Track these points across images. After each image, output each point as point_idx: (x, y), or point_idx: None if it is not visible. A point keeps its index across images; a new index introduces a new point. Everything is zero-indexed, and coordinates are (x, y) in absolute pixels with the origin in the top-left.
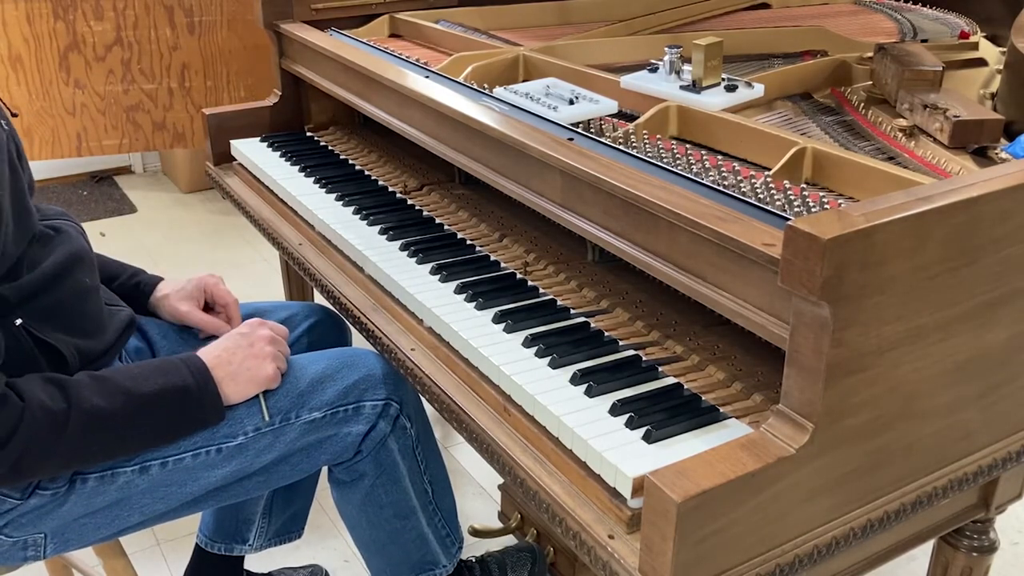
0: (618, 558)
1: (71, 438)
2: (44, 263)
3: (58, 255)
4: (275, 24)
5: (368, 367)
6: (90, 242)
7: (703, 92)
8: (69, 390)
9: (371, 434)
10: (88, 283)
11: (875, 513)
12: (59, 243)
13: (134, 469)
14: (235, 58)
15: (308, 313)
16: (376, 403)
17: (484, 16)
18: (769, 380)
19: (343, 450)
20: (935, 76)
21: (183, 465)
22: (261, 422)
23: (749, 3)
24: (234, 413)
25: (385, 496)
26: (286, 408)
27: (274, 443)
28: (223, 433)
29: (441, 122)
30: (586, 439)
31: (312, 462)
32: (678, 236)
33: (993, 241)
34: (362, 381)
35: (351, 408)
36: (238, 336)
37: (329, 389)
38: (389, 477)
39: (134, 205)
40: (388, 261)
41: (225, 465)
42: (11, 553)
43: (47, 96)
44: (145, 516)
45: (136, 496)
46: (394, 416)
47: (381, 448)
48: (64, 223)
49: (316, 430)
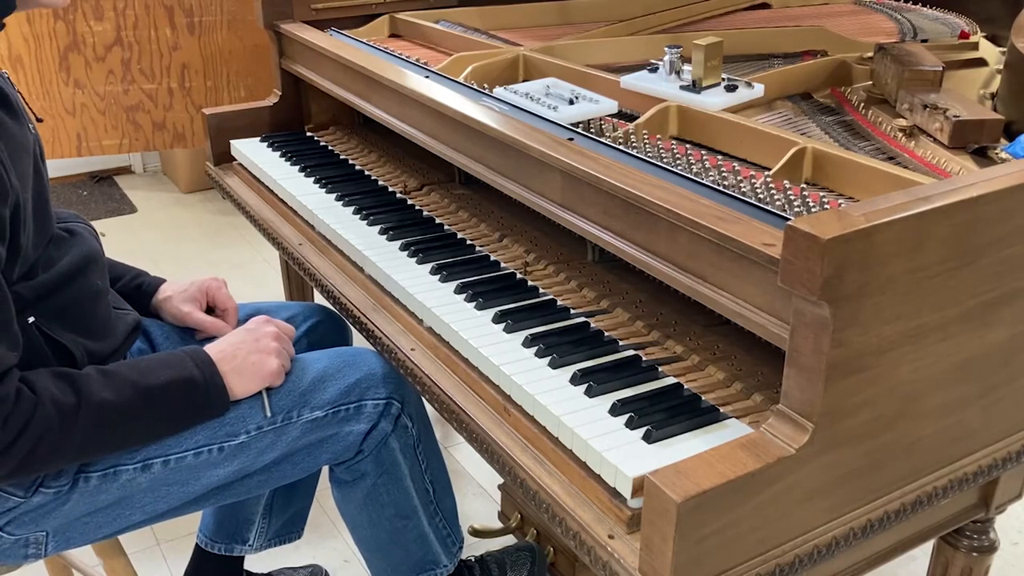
0: (618, 558)
1: (81, 431)
2: (59, 264)
3: (72, 256)
4: (275, 24)
5: (369, 366)
6: (102, 245)
7: (703, 92)
8: (79, 383)
9: (372, 433)
10: (100, 285)
11: (875, 513)
12: (73, 245)
13: (136, 467)
14: (235, 58)
15: (309, 314)
16: (378, 402)
17: (484, 16)
18: (769, 380)
19: (344, 449)
20: (935, 76)
21: (185, 463)
22: (263, 420)
23: (749, 3)
24: (237, 412)
25: (386, 495)
26: (288, 407)
27: (276, 442)
28: (225, 432)
29: (441, 122)
30: (586, 439)
31: (313, 461)
32: (678, 236)
33: (993, 241)
34: (364, 380)
35: (352, 407)
36: (244, 332)
37: (331, 388)
38: (391, 477)
39: (134, 205)
40: (388, 261)
41: (227, 464)
42: (12, 551)
43: (47, 96)
44: (147, 515)
45: (138, 494)
46: (395, 415)
47: (383, 447)
48: (78, 225)
49: (318, 429)
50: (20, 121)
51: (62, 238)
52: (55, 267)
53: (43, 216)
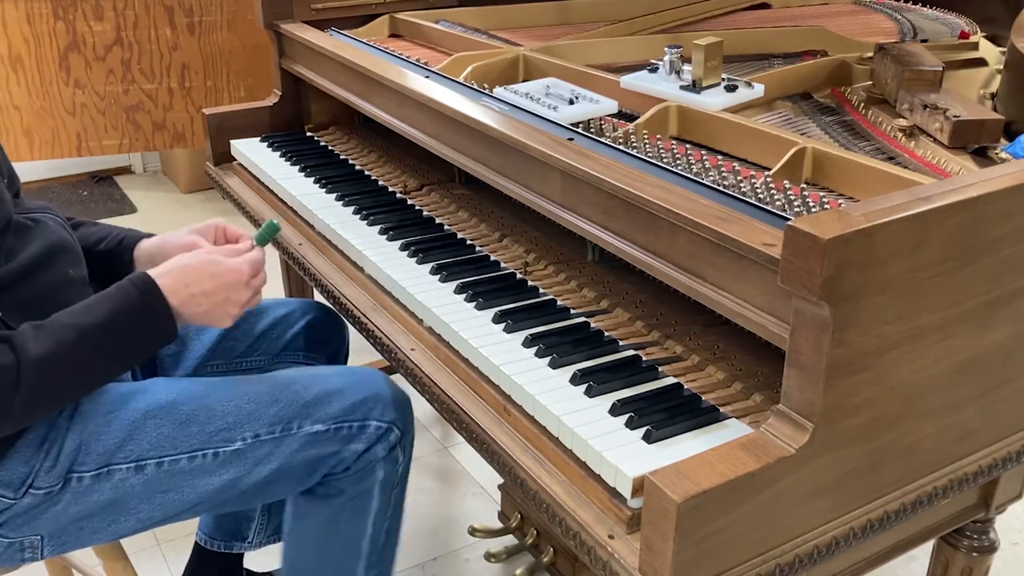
0: (618, 558)
1: (28, 389)
2: (20, 255)
3: (36, 246)
4: (275, 24)
5: (379, 387)
6: (73, 235)
7: (703, 92)
8: (14, 342)
9: (366, 454)
10: (72, 274)
11: (875, 513)
12: (38, 234)
13: (129, 467)
14: (235, 58)
15: (306, 310)
16: (381, 424)
17: (484, 16)
18: (769, 380)
19: (337, 465)
20: (935, 76)
21: (179, 467)
22: (261, 428)
23: (749, 3)
24: (235, 416)
25: (344, 525)
26: (288, 418)
27: (273, 452)
28: (220, 437)
29: (441, 122)
30: (586, 439)
31: (310, 480)
32: (678, 236)
33: (993, 241)
34: (371, 400)
35: (356, 425)
36: (210, 274)
37: (336, 403)
38: (358, 507)
39: (134, 205)
40: (388, 261)
41: (222, 471)
42: (8, 554)
43: (47, 96)
44: (141, 522)
45: (131, 498)
46: (392, 444)
47: (368, 472)
48: (44, 215)
49: (318, 444)
50: None
51: (25, 227)
52: (17, 257)
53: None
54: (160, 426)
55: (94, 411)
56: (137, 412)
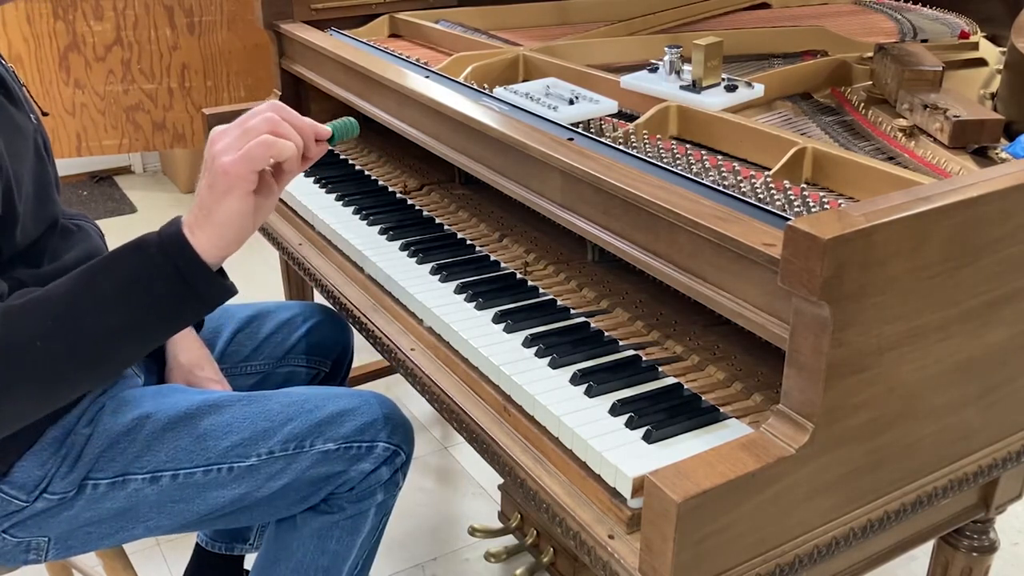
0: (618, 558)
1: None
2: (65, 257)
3: (79, 251)
4: (275, 24)
5: (388, 410)
6: (107, 246)
7: (703, 92)
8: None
9: (371, 475)
10: None
11: (875, 513)
12: (80, 239)
13: (145, 477)
14: (235, 58)
15: (309, 314)
16: (389, 446)
17: (484, 16)
18: (769, 380)
19: (343, 485)
20: (935, 76)
21: (193, 480)
22: (276, 445)
23: (749, 3)
24: (251, 434)
25: (334, 543)
26: (301, 435)
27: (285, 469)
28: (236, 453)
29: (441, 122)
30: (586, 439)
31: (315, 498)
32: (678, 236)
33: (993, 241)
34: (380, 422)
35: (365, 446)
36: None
37: (348, 423)
38: (351, 526)
39: (134, 205)
40: (388, 261)
41: (234, 486)
42: (13, 554)
43: (47, 96)
44: (149, 531)
45: (143, 507)
46: (397, 467)
47: (369, 493)
48: (86, 223)
49: (327, 462)
50: (19, 108)
51: (69, 231)
52: (61, 259)
53: (45, 199)
54: (177, 439)
55: (114, 420)
56: (157, 424)
